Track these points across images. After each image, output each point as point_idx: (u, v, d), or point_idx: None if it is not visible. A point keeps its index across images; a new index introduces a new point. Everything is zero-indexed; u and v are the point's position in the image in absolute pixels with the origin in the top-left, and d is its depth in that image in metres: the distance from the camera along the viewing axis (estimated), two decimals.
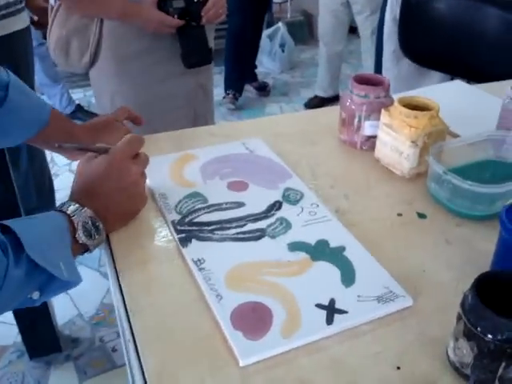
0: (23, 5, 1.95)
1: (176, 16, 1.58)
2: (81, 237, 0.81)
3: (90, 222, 0.82)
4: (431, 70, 2.28)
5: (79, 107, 3.77)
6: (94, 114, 3.62)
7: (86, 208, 0.82)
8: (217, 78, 3.43)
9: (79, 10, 1.64)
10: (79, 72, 1.78)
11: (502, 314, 0.61)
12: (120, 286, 0.81)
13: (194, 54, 1.67)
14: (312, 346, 0.72)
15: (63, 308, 2.12)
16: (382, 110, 1.07)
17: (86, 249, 0.83)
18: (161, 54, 1.68)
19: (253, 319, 0.74)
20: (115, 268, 0.84)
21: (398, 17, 2.33)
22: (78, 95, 4.06)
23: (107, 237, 0.89)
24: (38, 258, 0.72)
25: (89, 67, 1.72)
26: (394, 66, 2.42)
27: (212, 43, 1.82)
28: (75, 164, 0.93)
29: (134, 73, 1.70)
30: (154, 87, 1.73)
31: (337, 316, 0.74)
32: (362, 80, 1.15)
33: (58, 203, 2.40)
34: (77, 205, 0.82)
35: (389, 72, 2.45)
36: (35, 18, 2.25)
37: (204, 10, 1.62)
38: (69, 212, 0.81)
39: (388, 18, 2.41)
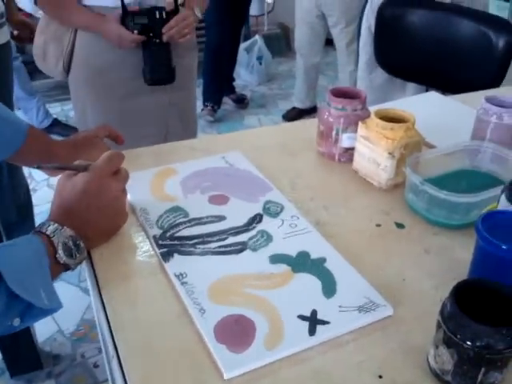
0: (4, 19, 1.95)
1: (136, 32, 1.59)
2: (62, 257, 0.80)
3: (70, 241, 0.82)
4: (404, 84, 2.32)
5: (56, 121, 3.75)
6: (71, 128, 3.61)
7: (65, 227, 0.82)
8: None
9: (52, 17, 1.67)
10: (59, 79, 1.79)
11: (480, 321, 0.63)
12: (102, 301, 0.81)
13: (154, 71, 1.66)
14: (295, 357, 0.72)
15: (43, 324, 2.08)
16: (359, 123, 1.09)
17: (67, 268, 0.82)
18: (131, 69, 1.68)
19: (236, 332, 0.74)
20: (97, 283, 0.84)
21: (372, 27, 2.37)
22: (56, 109, 4.03)
23: (88, 253, 0.89)
24: (18, 289, 0.72)
25: (65, 75, 1.74)
26: (367, 75, 2.46)
27: (195, 60, 1.82)
28: (53, 179, 0.93)
29: (105, 85, 1.71)
30: (124, 101, 1.73)
31: (319, 327, 0.75)
32: (339, 93, 1.16)
33: (36, 218, 2.38)
34: (56, 224, 0.81)
35: (362, 81, 2.50)
36: (15, 32, 2.26)
37: (165, 28, 1.61)
38: (48, 233, 0.80)
39: (363, 27, 2.46)
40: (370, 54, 2.44)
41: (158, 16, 1.61)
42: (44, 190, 3.06)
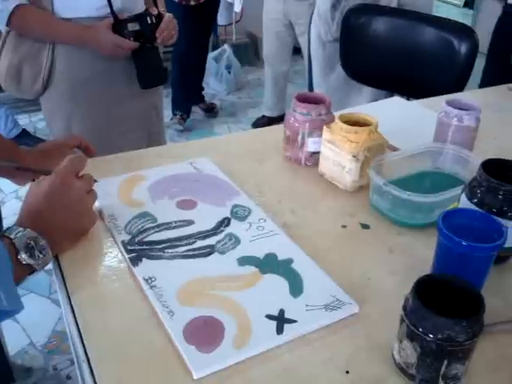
0: None
1: (132, 38, 1.61)
2: (23, 258, 0.80)
3: (32, 242, 0.82)
4: (360, 85, 2.36)
5: (25, 132, 3.71)
6: (39, 139, 3.57)
7: (27, 229, 0.82)
8: (164, 100, 3.42)
9: (32, 36, 1.64)
10: (30, 98, 1.77)
11: (441, 314, 0.65)
12: (72, 306, 0.82)
13: (150, 74, 1.71)
14: (264, 356, 0.74)
15: (14, 337, 2.07)
16: (324, 127, 1.11)
17: (32, 269, 0.82)
18: (115, 77, 1.70)
19: (205, 333, 0.75)
20: (66, 289, 0.85)
21: (322, 33, 2.40)
22: (24, 121, 3.99)
23: (57, 258, 0.89)
24: None
25: (41, 93, 1.71)
26: (323, 81, 2.49)
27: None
28: (22, 191, 0.94)
29: (89, 96, 1.70)
30: (109, 109, 1.74)
31: (286, 325, 0.77)
32: (304, 99, 1.18)
33: None
34: (20, 228, 0.82)
35: (319, 87, 2.53)
36: None
37: (158, 32, 1.65)
38: (11, 236, 0.81)
39: (313, 34, 2.49)
40: (322, 59, 2.47)
41: (149, 21, 1.64)
42: (12, 202, 3.03)
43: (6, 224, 2.40)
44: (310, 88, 2.62)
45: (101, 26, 1.59)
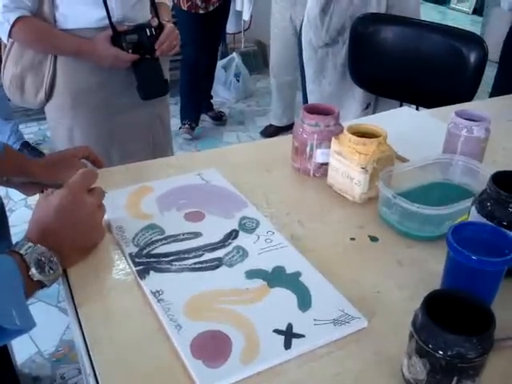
0: None
1: (130, 50, 1.61)
2: (34, 274, 0.80)
3: (43, 258, 0.81)
4: (353, 88, 2.35)
5: (26, 144, 3.69)
6: (40, 152, 3.56)
7: (38, 245, 0.82)
8: (173, 108, 3.42)
9: (33, 47, 1.65)
10: (35, 108, 1.78)
11: (452, 330, 0.64)
12: (79, 319, 0.81)
13: (150, 86, 1.70)
14: (271, 371, 0.73)
15: (22, 346, 2.07)
16: (333, 138, 1.11)
17: (42, 285, 0.82)
18: (116, 87, 1.70)
19: (212, 347, 0.75)
20: (73, 301, 0.84)
21: (313, 40, 2.40)
22: (33, 129, 4.01)
23: (64, 271, 0.89)
24: None
25: (44, 103, 1.73)
26: (317, 87, 2.50)
27: (167, 74, 1.84)
28: (31, 199, 0.94)
29: (91, 106, 1.71)
30: (111, 120, 1.74)
31: (294, 340, 0.76)
32: (313, 110, 1.18)
33: (13, 238, 2.35)
34: (30, 243, 0.82)
35: (312, 94, 2.52)
36: None
37: (157, 43, 1.65)
38: (21, 252, 0.80)
39: (304, 41, 2.49)
40: (315, 65, 2.47)
41: (148, 33, 1.64)
42: (22, 209, 3.04)
43: (14, 231, 2.40)
44: (305, 97, 2.62)
45: (99, 38, 1.59)
